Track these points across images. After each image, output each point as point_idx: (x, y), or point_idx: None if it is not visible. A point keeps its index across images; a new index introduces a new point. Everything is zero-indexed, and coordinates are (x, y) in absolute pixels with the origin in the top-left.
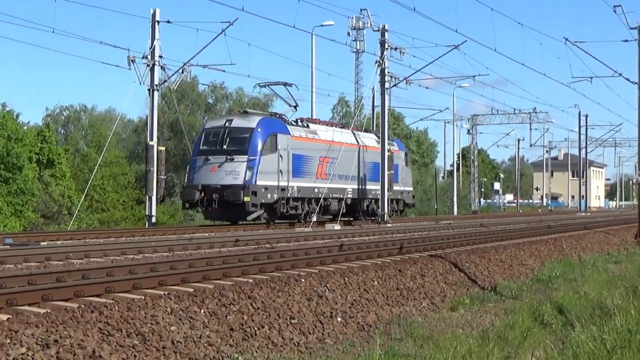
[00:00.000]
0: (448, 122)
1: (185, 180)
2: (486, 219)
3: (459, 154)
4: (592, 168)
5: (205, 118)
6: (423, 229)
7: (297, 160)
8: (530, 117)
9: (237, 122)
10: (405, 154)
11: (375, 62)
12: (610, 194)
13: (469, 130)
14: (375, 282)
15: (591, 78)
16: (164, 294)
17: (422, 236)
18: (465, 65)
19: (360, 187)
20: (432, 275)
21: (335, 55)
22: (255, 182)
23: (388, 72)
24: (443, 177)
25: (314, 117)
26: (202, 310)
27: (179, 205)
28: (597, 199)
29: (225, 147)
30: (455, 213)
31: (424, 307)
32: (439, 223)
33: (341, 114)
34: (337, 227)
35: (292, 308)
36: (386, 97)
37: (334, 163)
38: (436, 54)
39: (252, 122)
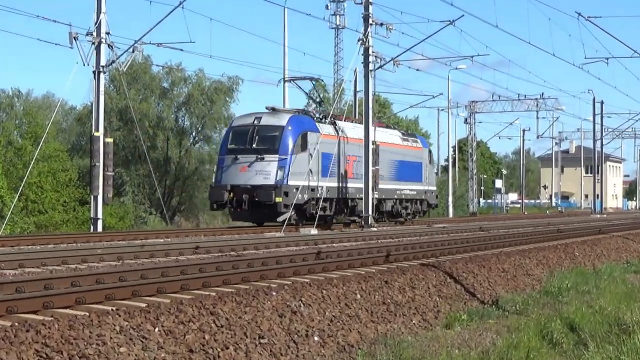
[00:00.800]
0: (442, 110)
1: (213, 180)
2: (486, 221)
3: (454, 146)
4: (608, 163)
5: (233, 115)
6: (413, 233)
7: (326, 160)
8: (537, 104)
9: (267, 119)
10: (429, 152)
11: (358, 40)
12: (630, 192)
13: (466, 119)
14: (358, 295)
15: (607, 59)
16: (112, 309)
17: (412, 242)
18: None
19: (384, 187)
20: (424, 287)
21: (312, 32)
22: (287, 182)
23: (373, 52)
24: (437, 174)
25: (286, 103)
26: (157, 329)
27: (129, 207)
28: (614, 198)
29: (254, 145)
30: (451, 215)
31: (414, 324)
32: (431, 227)
33: (318, 99)
34: (313, 231)
35: (261, 326)
36: (370, 80)
37: (360, 162)
38: (428, 31)
39: (282, 119)
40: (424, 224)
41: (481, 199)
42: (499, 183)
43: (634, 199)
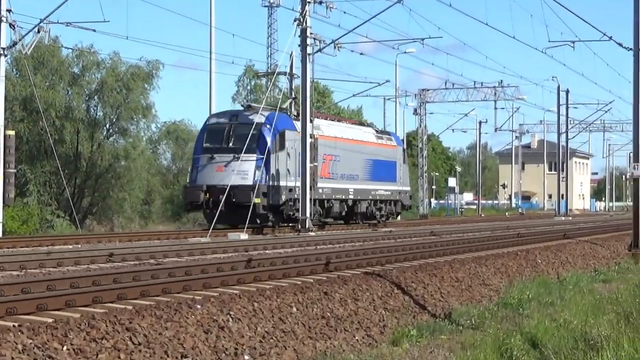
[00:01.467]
0: (389, 99)
1: (188, 180)
2: (438, 225)
3: (403, 140)
4: (574, 159)
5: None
6: (356, 238)
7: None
8: (495, 93)
9: (243, 117)
10: (403, 150)
11: (295, 20)
12: (598, 192)
13: (416, 110)
14: (294, 309)
15: (573, 42)
16: (14, 325)
17: (355, 248)
18: (412, 25)
19: (360, 187)
20: (368, 299)
21: (242, 10)
22: (265, 182)
23: (311, 34)
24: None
25: (212, 91)
26: (65, 347)
27: (33, 208)
28: (580, 198)
29: (231, 144)
30: (399, 218)
31: (357, 340)
32: (376, 231)
33: (249, 87)
34: (243, 236)
35: (184, 343)
36: (308, 65)
37: (337, 161)
38: (374, 10)
39: (260, 117)
40: (367, 227)
41: (432, 200)
42: (452, 182)
43: (603, 199)
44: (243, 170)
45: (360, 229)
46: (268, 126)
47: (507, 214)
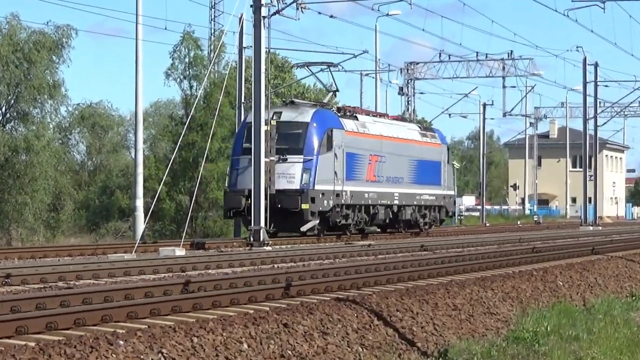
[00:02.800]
0: (368, 75)
1: (226, 185)
2: (430, 237)
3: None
4: (605, 152)
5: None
6: (324, 253)
7: (350, 161)
8: (504, 68)
9: (288, 114)
10: (448, 149)
11: None
12: (636, 194)
13: (401, 89)
14: (245, 345)
15: (603, 2)
16: None
17: (324, 267)
18: None
19: (405, 191)
20: (341, 332)
21: None
22: (314, 186)
23: None
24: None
25: (139, 65)
26: None
27: None
28: (613, 203)
29: (275, 144)
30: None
31: None
32: (351, 244)
33: (187, 59)
34: (179, 252)
35: None
36: (263, 31)
37: (382, 162)
38: None
39: (306, 115)
40: (340, 240)
41: None
42: None
43: None
44: (289, 174)
45: (340, 240)
46: (315, 125)
47: (518, 222)
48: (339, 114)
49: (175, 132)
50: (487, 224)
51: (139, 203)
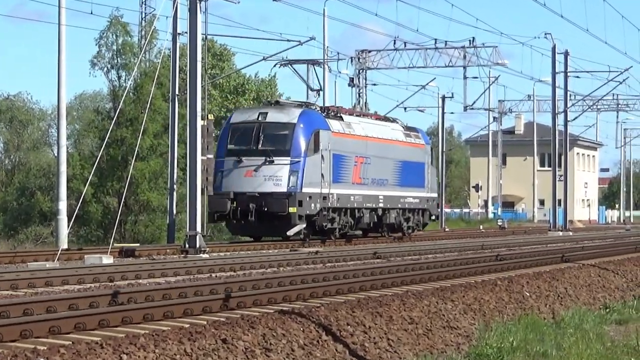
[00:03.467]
0: (315, 65)
1: (212, 187)
2: (384, 243)
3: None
4: (577, 150)
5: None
6: (267, 262)
7: (337, 162)
8: (464, 57)
9: (273, 115)
10: (431, 149)
11: None
12: (610, 196)
13: (352, 80)
14: None
15: None
16: None
17: (266, 276)
18: None
19: (390, 194)
20: (285, 348)
21: None
22: (302, 189)
23: None
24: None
25: (62, 53)
26: None
27: None
28: (585, 205)
29: (261, 146)
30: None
31: None
32: (296, 251)
33: (115, 47)
34: (107, 259)
35: None
36: (199, 16)
37: (367, 164)
38: None
39: (292, 115)
40: (284, 247)
41: None
42: None
43: (616, 206)
44: (276, 176)
45: (285, 247)
46: (302, 125)
47: (481, 227)
48: (324, 114)
49: (102, 128)
50: (447, 229)
51: (62, 206)
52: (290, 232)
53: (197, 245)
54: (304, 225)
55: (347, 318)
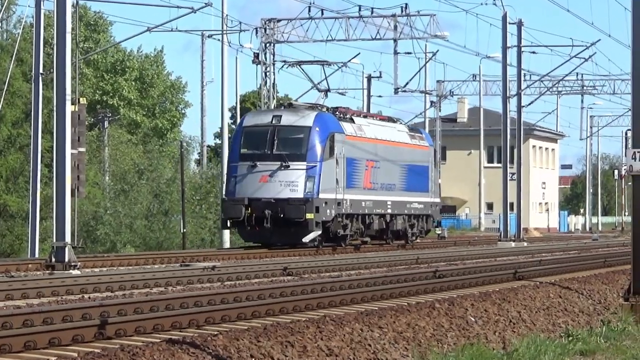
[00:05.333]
0: (212, 37)
1: (224, 193)
2: (297, 257)
3: (234, 108)
4: (533, 142)
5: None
6: (152, 279)
7: (350, 167)
8: (395, 27)
9: (288, 118)
10: (435, 151)
11: None
12: (573, 199)
13: (257, 56)
14: None
15: None
16: None
17: (151, 298)
18: None
19: (397, 199)
20: None
21: None
22: (318, 195)
23: None
24: (199, 164)
25: None
26: None
27: None
28: (542, 210)
29: (276, 150)
30: (228, 244)
31: None
32: (188, 266)
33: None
34: None
35: None
36: None
37: (377, 168)
38: None
39: (307, 118)
40: (173, 262)
41: None
42: None
43: (581, 211)
44: (292, 181)
45: (174, 261)
46: (317, 129)
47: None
48: (339, 118)
49: None
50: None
51: None
52: (306, 239)
53: (66, 259)
54: (320, 232)
55: (250, 349)
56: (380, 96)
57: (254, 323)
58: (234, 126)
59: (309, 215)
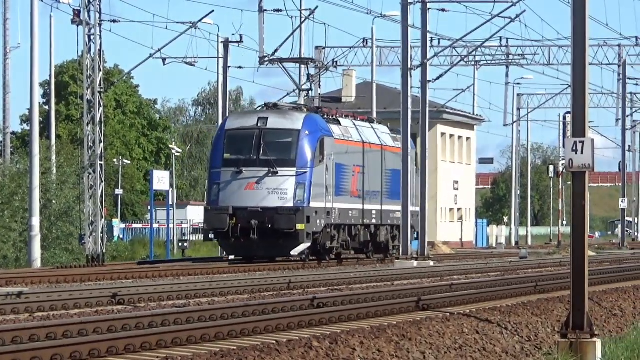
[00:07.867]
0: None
1: (206, 201)
2: (132, 278)
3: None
4: (442, 128)
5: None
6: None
7: (339, 173)
8: None
9: (275, 120)
10: (416, 154)
11: None
12: (494, 203)
13: (78, 14)
14: None
15: None
16: None
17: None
18: None
19: (382, 208)
20: None
21: None
22: (309, 203)
23: None
24: (0, 156)
25: None
26: None
27: None
28: (454, 217)
29: (262, 155)
30: (39, 262)
31: None
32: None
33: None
34: None
35: None
36: None
37: (362, 174)
38: None
39: (296, 121)
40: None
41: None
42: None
43: (504, 219)
44: (281, 188)
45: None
46: (307, 132)
47: (292, 252)
48: (327, 119)
49: None
50: (231, 257)
51: None
52: (295, 252)
53: None
54: (309, 244)
55: None
56: (240, 67)
57: None
58: (46, 107)
59: (299, 226)
